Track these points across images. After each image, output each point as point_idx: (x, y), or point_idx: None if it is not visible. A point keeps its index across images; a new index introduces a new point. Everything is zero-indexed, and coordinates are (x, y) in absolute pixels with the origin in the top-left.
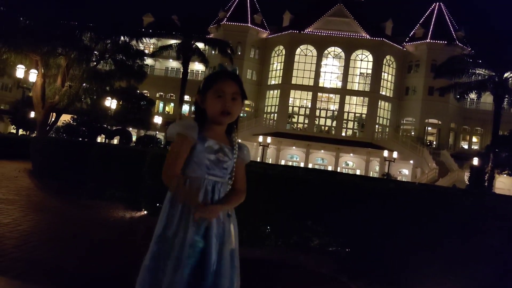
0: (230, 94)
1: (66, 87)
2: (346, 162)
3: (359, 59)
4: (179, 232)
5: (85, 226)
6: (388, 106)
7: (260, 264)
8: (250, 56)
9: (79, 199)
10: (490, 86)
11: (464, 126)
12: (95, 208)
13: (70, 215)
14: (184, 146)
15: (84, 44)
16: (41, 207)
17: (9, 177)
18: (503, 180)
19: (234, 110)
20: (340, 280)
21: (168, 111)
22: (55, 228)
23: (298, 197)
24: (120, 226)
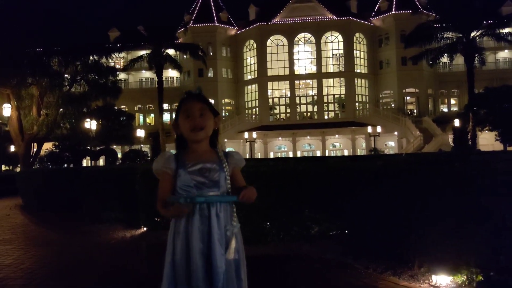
0: (197, 111)
1: (43, 116)
2: (333, 144)
3: (330, 41)
4: (184, 255)
5: (88, 253)
6: (365, 83)
7: (265, 260)
8: (223, 55)
9: (76, 226)
10: (459, 47)
11: (441, 90)
12: (95, 233)
13: (71, 244)
14: (165, 179)
15: (54, 70)
16: (40, 242)
17: (0, 216)
18: (485, 136)
19: (204, 124)
20: (345, 262)
21: (149, 123)
22: (58, 260)
23: (293, 188)
24: (123, 247)
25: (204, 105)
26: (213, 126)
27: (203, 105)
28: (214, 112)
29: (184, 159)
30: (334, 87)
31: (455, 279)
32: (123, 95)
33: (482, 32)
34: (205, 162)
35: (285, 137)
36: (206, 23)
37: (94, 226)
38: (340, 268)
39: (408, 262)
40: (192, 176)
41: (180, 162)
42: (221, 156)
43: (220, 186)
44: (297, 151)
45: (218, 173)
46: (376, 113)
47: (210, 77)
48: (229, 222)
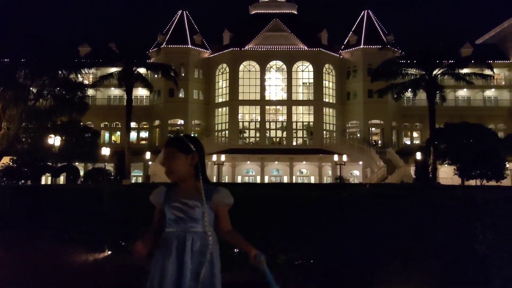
0: (166, 156)
1: (4, 130)
2: (300, 171)
3: (301, 70)
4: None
5: (50, 277)
6: (333, 112)
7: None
8: (195, 77)
9: (36, 247)
10: (422, 84)
11: (404, 123)
12: (56, 255)
13: (31, 267)
14: (156, 211)
15: (19, 83)
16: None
17: None
18: (445, 170)
19: (172, 167)
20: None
21: (115, 140)
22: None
23: (260, 216)
24: (86, 271)
25: (172, 148)
26: (187, 164)
27: (172, 149)
28: (187, 151)
29: (171, 195)
30: (303, 114)
31: None
32: (90, 111)
33: (443, 71)
34: (186, 199)
35: (253, 161)
36: (179, 45)
37: (56, 247)
38: None
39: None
40: (173, 211)
41: (167, 197)
42: (201, 193)
43: (198, 222)
44: (264, 176)
45: (197, 209)
46: (343, 142)
47: (181, 98)
48: (203, 256)
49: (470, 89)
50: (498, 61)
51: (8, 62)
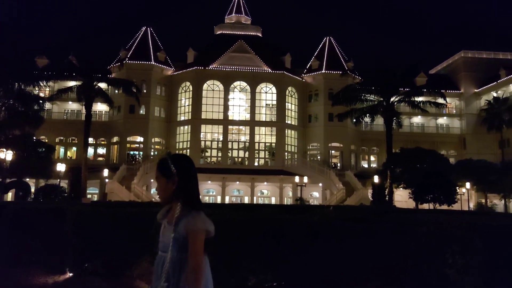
0: (155, 181)
1: None
2: (261, 191)
3: (264, 92)
4: None
5: None
6: (294, 134)
7: None
8: (157, 94)
9: None
10: (380, 110)
11: (362, 147)
12: (12, 277)
13: None
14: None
15: None
16: None
17: None
18: (400, 193)
19: (157, 190)
20: None
21: (70, 156)
22: None
23: (231, 239)
24: None
25: (157, 172)
26: (168, 188)
27: (157, 172)
28: (168, 176)
29: (167, 215)
30: (266, 135)
31: None
32: (45, 125)
33: (400, 98)
34: (168, 222)
35: (214, 181)
36: (142, 61)
37: (11, 270)
38: None
39: None
40: (160, 233)
41: (165, 216)
42: (176, 218)
43: (169, 247)
44: (225, 196)
45: (169, 234)
46: (304, 163)
47: (142, 115)
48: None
49: (424, 116)
50: (450, 91)
51: None
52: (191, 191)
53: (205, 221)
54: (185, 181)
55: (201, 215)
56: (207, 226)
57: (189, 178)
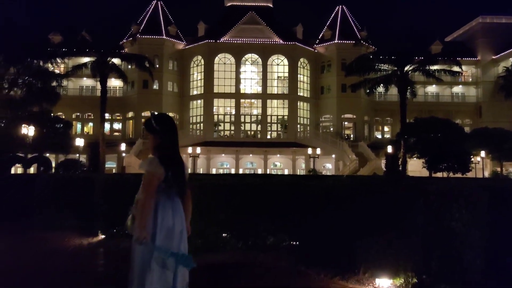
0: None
1: None
2: (274, 163)
3: (276, 64)
4: None
5: (47, 260)
6: (307, 106)
7: (223, 267)
8: (169, 68)
9: (28, 235)
10: (394, 79)
11: (376, 118)
12: (50, 239)
13: (26, 253)
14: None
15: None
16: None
17: None
18: (413, 163)
19: (148, 145)
20: (299, 269)
21: (87, 132)
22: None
23: (251, 201)
24: (82, 254)
25: (144, 129)
26: (156, 143)
27: (145, 130)
28: (153, 132)
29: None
30: (278, 108)
31: (394, 282)
32: (61, 102)
33: (414, 67)
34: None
35: (228, 154)
36: (154, 35)
37: (47, 233)
38: (295, 274)
39: (355, 269)
40: None
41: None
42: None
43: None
44: (239, 169)
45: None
46: (316, 135)
47: (155, 90)
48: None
49: (439, 85)
50: (466, 59)
51: None
52: (168, 145)
53: (152, 163)
54: (164, 137)
55: (152, 160)
56: (152, 168)
57: (168, 134)
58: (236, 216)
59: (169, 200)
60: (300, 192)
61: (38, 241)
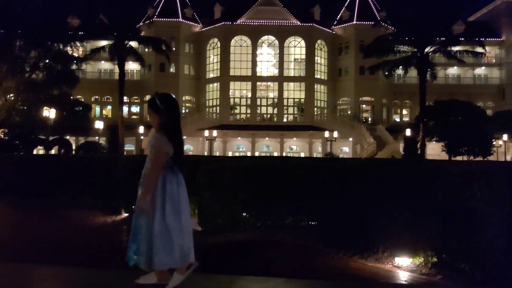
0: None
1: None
2: (290, 147)
3: (293, 46)
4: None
5: (74, 236)
6: (324, 89)
7: (244, 245)
8: (185, 51)
9: (52, 211)
10: (414, 61)
11: (394, 101)
12: (75, 217)
13: (54, 229)
14: None
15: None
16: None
17: None
18: (432, 147)
19: (152, 124)
20: (318, 248)
21: (106, 115)
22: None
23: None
24: (108, 230)
25: (149, 109)
26: (159, 121)
27: (149, 110)
28: (157, 111)
29: None
30: (294, 91)
31: (414, 261)
32: (80, 85)
33: (435, 49)
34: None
35: (244, 137)
36: (170, 18)
37: (72, 211)
38: (314, 253)
39: (373, 249)
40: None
41: None
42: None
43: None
44: (255, 152)
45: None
46: (333, 119)
47: (172, 73)
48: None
49: (460, 67)
50: (489, 39)
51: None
52: (172, 123)
53: (161, 140)
54: (169, 115)
55: (161, 137)
56: (161, 145)
57: (172, 113)
58: (256, 196)
59: (174, 175)
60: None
61: (64, 219)
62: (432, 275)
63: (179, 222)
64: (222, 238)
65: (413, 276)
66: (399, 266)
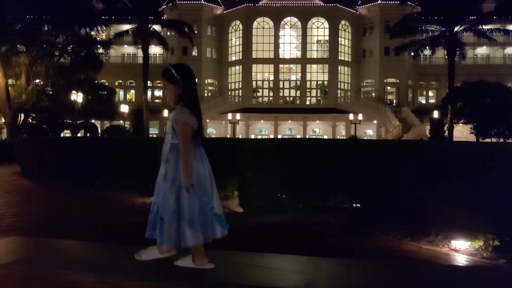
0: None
1: (33, 85)
2: (313, 130)
3: (316, 27)
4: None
5: (117, 216)
6: (347, 71)
7: (288, 226)
8: (208, 34)
9: (91, 193)
10: (442, 41)
11: (420, 82)
12: (114, 198)
13: (93, 209)
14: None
15: (45, 38)
16: (62, 205)
17: (6, 181)
18: (459, 129)
19: (166, 96)
20: (364, 230)
21: (129, 99)
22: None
23: (313, 162)
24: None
25: (163, 80)
26: (176, 93)
27: (164, 81)
28: (174, 81)
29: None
30: (318, 73)
31: (472, 244)
32: (104, 69)
33: (465, 28)
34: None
35: (267, 120)
36: (192, 0)
37: (110, 193)
38: (362, 235)
39: (425, 230)
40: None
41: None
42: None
43: (167, 136)
44: (278, 135)
45: (168, 126)
46: (357, 101)
47: (194, 56)
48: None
49: (490, 47)
50: None
51: (32, 18)
52: (191, 94)
53: (185, 113)
54: (189, 86)
55: (184, 109)
56: (184, 118)
57: (190, 84)
58: (298, 177)
59: (196, 148)
60: (360, 152)
61: (102, 200)
62: (493, 259)
63: (205, 196)
64: (265, 219)
65: (475, 260)
66: (456, 250)
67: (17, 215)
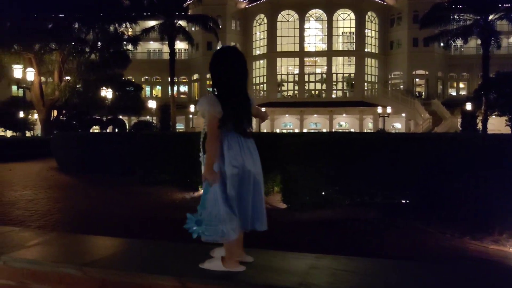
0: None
1: (65, 82)
2: (339, 123)
3: (342, 19)
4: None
5: (158, 211)
6: (374, 63)
7: (336, 222)
8: (232, 29)
9: (131, 188)
10: (475, 30)
11: (450, 74)
12: (153, 194)
13: (133, 203)
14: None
15: (76, 36)
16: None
17: (45, 177)
18: (492, 122)
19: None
20: (418, 227)
21: (156, 95)
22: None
23: (360, 156)
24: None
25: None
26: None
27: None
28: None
29: None
30: (344, 65)
31: None
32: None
33: (501, 15)
34: None
35: (292, 115)
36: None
37: (149, 188)
38: (416, 233)
39: (486, 228)
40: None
41: None
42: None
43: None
44: (303, 129)
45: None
46: (385, 93)
47: None
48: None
49: None
50: None
51: (63, 16)
52: (226, 78)
53: (203, 101)
54: (213, 72)
55: (205, 97)
56: (202, 106)
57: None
58: (341, 172)
59: (236, 139)
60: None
61: (141, 195)
62: None
63: (244, 190)
64: (311, 215)
65: None
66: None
67: (63, 210)
